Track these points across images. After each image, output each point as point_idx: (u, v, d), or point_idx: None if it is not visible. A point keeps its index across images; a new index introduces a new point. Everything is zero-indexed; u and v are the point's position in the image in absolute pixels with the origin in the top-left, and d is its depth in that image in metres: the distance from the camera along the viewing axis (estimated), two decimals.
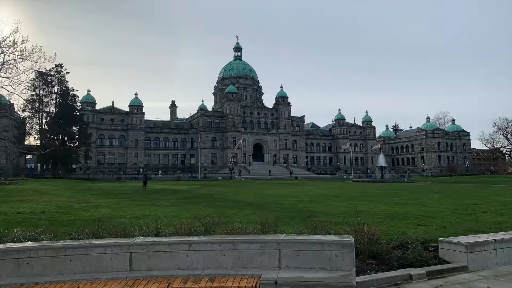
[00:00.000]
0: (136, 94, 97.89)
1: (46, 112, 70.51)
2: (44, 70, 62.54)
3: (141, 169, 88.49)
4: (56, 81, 70.78)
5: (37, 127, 69.88)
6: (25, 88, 44.84)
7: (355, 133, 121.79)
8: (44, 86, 69.72)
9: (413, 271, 7.63)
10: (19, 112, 72.34)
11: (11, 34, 30.70)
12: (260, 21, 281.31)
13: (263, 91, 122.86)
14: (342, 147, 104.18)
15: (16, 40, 30.80)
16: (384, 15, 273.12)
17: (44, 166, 72.96)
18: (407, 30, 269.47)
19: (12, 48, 30.54)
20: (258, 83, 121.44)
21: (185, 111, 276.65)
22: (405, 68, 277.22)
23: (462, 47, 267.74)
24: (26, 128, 72.22)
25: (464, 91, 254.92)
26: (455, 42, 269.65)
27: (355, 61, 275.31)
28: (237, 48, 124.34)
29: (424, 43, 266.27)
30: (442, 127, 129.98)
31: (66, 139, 70.96)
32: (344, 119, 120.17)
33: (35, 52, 30.77)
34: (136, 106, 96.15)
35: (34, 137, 72.82)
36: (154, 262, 7.13)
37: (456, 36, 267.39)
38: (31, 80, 60.48)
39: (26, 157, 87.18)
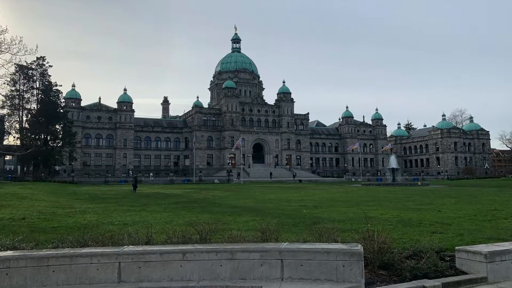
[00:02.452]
0: (125, 90, 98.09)
1: (27, 109, 70.63)
2: (24, 64, 62.58)
3: (130, 171, 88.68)
4: (38, 75, 70.83)
5: (17, 125, 70.01)
6: (4, 83, 45.07)
7: (364, 132, 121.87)
8: (25, 81, 69.86)
9: (428, 283, 7.63)
10: None
11: None
12: (260, 11, 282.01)
13: (263, 86, 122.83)
14: (350, 148, 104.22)
15: None
16: (396, 5, 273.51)
17: (25, 168, 73.04)
18: (420, 21, 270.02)
19: None
20: (258, 77, 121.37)
21: (179, 108, 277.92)
22: (418, 62, 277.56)
23: (482, 41, 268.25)
24: (5, 126, 72.29)
25: (483, 87, 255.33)
26: (473, 34, 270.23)
27: (364, 55, 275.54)
28: (236, 40, 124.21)
29: (439, 35, 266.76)
30: (459, 126, 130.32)
31: (48, 138, 71.03)
32: (352, 117, 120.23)
33: (15, 44, 30.67)
34: (125, 103, 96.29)
35: (14, 137, 72.94)
36: (145, 273, 7.14)
37: (474, 28, 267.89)
38: (10, 74, 60.66)
39: (5, 158, 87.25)
